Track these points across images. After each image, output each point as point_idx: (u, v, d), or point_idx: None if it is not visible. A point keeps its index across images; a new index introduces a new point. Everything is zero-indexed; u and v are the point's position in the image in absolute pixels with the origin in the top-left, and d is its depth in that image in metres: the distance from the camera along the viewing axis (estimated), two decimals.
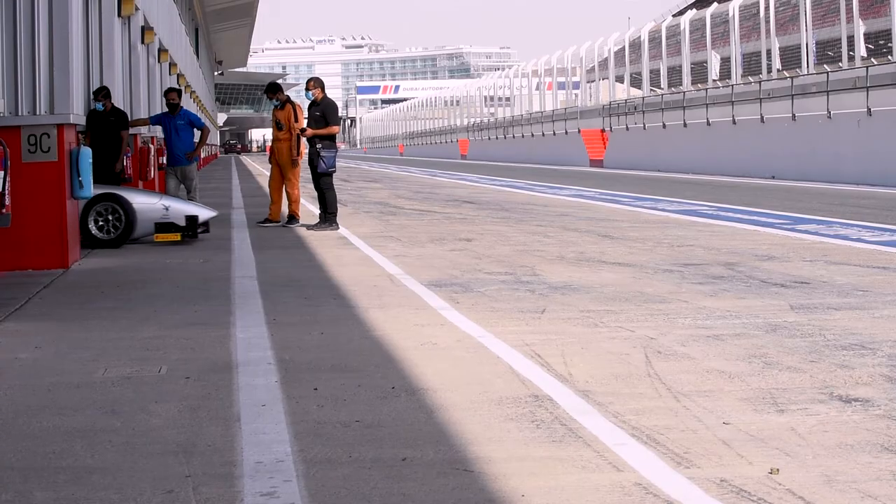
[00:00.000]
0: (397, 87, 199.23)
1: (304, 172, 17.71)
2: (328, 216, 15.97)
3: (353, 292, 9.29)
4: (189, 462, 4.40)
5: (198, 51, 55.87)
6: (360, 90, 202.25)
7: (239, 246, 13.62)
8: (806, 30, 31.52)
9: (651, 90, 42.62)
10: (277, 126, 16.85)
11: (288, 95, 17.30)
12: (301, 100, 16.42)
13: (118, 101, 17.38)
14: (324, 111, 15.82)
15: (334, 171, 16.06)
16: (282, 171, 16.96)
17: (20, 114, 11.23)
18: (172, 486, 4.10)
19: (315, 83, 16.14)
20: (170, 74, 30.84)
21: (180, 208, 14.21)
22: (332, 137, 15.98)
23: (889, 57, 28.34)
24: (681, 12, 48.46)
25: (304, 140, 16.56)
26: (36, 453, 4.58)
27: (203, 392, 5.64)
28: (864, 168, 26.20)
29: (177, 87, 19.35)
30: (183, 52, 38.43)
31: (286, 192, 16.95)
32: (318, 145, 15.76)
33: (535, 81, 59.92)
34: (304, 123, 16.20)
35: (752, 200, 20.74)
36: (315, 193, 16.51)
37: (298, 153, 16.70)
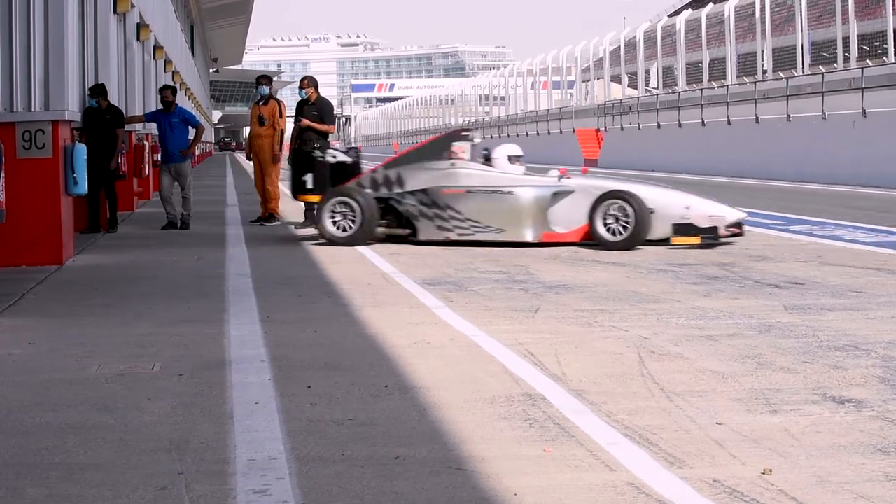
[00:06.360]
0: (392, 86, 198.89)
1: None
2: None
3: (347, 290, 9.29)
4: (182, 459, 4.40)
5: (193, 48, 55.81)
6: (355, 88, 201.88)
7: (233, 243, 13.61)
8: (801, 30, 31.55)
9: (646, 90, 42.64)
10: (260, 122, 16.67)
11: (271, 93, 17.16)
12: (297, 98, 16.24)
13: (113, 98, 17.36)
14: (321, 110, 15.80)
15: None
16: (262, 167, 16.72)
17: (15, 110, 11.21)
18: (165, 483, 4.10)
19: (309, 82, 16.11)
20: (165, 72, 30.82)
21: (703, 208, 12.71)
22: (325, 136, 15.95)
23: (884, 58, 28.37)
24: (676, 12, 48.46)
25: (286, 137, 16.47)
26: (29, 449, 4.58)
27: (196, 389, 5.63)
28: (858, 169, 26.22)
29: (171, 84, 19.27)
30: (178, 50, 38.39)
31: (265, 189, 16.61)
32: (316, 145, 15.72)
33: (530, 81, 59.83)
34: (290, 121, 16.08)
35: (746, 200, 20.71)
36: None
37: (280, 149, 16.52)
